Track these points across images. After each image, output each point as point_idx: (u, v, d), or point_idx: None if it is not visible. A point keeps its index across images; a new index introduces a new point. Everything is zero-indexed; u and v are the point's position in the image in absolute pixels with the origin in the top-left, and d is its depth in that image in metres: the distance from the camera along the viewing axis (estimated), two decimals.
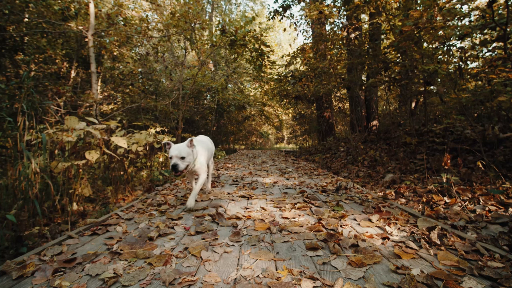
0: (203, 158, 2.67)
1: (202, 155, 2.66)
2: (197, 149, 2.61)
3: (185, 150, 2.38)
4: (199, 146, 2.69)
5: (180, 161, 2.34)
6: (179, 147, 2.39)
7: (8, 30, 5.92)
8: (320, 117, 10.90)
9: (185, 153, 2.37)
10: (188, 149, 2.41)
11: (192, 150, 2.47)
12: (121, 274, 1.29)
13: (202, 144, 2.83)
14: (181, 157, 2.34)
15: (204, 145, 2.89)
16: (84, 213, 2.53)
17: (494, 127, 3.87)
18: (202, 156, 2.67)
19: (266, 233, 1.86)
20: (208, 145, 3.08)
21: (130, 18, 6.99)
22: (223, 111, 14.27)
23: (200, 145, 2.74)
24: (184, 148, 2.39)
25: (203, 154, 2.69)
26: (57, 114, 5.50)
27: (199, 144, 2.72)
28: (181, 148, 2.38)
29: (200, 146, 2.71)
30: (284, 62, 11.59)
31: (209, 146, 3.09)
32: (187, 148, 2.42)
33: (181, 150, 2.36)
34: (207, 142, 3.11)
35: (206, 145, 2.96)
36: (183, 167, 2.35)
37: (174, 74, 10.67)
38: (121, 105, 9.18)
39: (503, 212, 2.16)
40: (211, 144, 3.32)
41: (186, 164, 2.38)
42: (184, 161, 2.36)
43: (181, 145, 2.42)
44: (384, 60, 5.55)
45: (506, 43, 3.28)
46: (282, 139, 27.99)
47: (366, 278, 1.24)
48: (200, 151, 2.65)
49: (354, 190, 3.29)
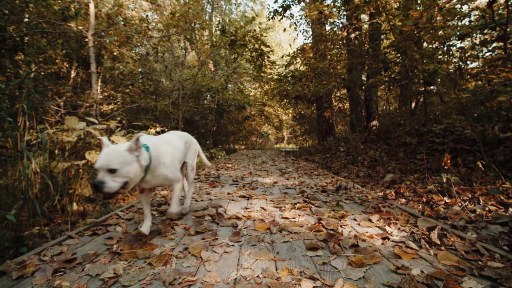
0: (170, 161, 1.91)
1: (168, 158, 1.91)
2: (159, 151, 1.83)
3: (118, 158, 1.48)
4: (164, 146, 1.94)
5: (109, 177, 1.46)
6: (110, 152, 1.50)
7: (8, 30, 5.92)
8: (320, 117, 10.90)
9: (118, 163, 1.47)
10: (125, 156, 1.51)
11: (138, 156, 1.58)
12: (121, 274, 1.29)
13: (170, 143, 2.06)
14: (109, 170, 1.46)
15: (175, 144, 2.16)
16: (84, 213, 2.53)
17: (494, 127, 3.87)
18: (169, 159, 1.91)
19: (266, 233, 1.86)
20: (180, 144, 2.26)
21: (130, 18, 7.00)
22: (223, 111, 14.27)
23: (166, 144, 1.98)
24: (118, 155, 1.49)
25: (170, 157, 1.94)
26: (57, 114, 5.50)
27: (163, 144, 1.95)
28: (111, 154, 1.49)
29: (166, 146, 1.96)
30: (284, 62, 11.59)
31: (181, 146, 2.28)
32: (125, 154, 1.52)
33: (110, 158, 1.47)
34: (178, 141, 2.28)
35: (178, 144, 2.21)
36: (115, 187, 1.47)
37: (174, 74, 10.67)
38: (121, 105, 9.18)
39: (503, 212, 2.16)
40: (190, 142, 2.51)
41: (123, 182, 1.50)
42: (116, 176, 1.47)
43: (114, 149, 1.53)
44: (384, 60, 5.55)
45: (506, 43, 3.28)
46: (282, 139, 27.99)
47: (366, 278, 1.24)
48: (163, 153, 1.87)
49: (354, 190, 3.29)
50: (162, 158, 1.84)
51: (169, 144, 2.06)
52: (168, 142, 2.08)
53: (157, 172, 1.81)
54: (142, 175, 1.68)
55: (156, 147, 1.82)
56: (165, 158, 1.89)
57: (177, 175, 1.98)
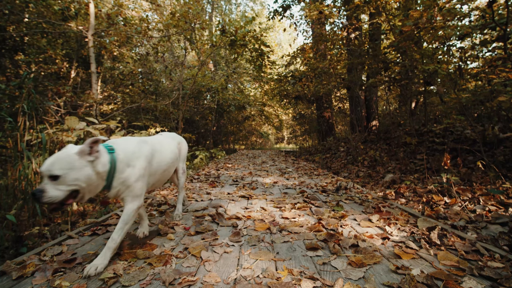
0: (134, 176, 1.52)
1: (140, 162, 1.57)
2: (130, 152, 1.55)
3: (62, 163, 1.26)
4: (140, 147, 1.64)
5: (51, 184, 1.25)
6: (57, 155, 1.29)
7: (8, 30, 5.92)
8: (320, 117, 10.91)
9: (61, 168, 1.25)
10: (72, 160, 1.28)
11: (93, 162, 1.35)
12: (121, 274, 1.29)
13: (141, 150, 1.64)
14: (51, 176, 1.24)
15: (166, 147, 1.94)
16: (84, 213, 2.54)
17: (494, 127, 3.87)
18: (134, 174, 1.53)
19: (266, 233, 1.86)
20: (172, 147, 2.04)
21: (130, 18, 6.99)
22: (223, 111, 14.27)
23: (134, 152, 1.58)
24: (63, 159, 1.27)
25: (137, 170, 1.55)
26: (57, 114, 5.50)
27: (138, 144, 1.65)
28: (57, 157, 1.27)
29: (134, 155, 1.57)
30: (284, 62, 11.60)
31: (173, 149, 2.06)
32: (72, 158, 1.29)
33: (54, 161, 1.26)
34: (172, 143, 2.09)
35: (170, 148, 2.00)
36: (58, 196, 1.25)
37: (174, 74, 10.67)
38: (121, 105, 9.18)
39: (503, 212, 2.16)
40: (182, 143, 2.32)
41: (69, 190, 1.28)
42: (59, 183, 1.25)
43: (63, 151, 1.32)
44: (384, 60, 5.55)
45: (506, 43, 3.28)
46: (282, 139, 28.00)
47: (366, 278, 1.24)
48: (135, 155, 1.57)
49: (354, 190, 3.29)
50: (132, 160, 1.54)
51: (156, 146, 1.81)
52: (154, 142, 1.83)
53: (122, 177, 1.49)
54: (103, 183, 1.43)
55: (127, 147, 1.56)
56: (137, 160, 1.57)
57: (136, 193, 1.54)
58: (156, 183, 1.90)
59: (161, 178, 1.92)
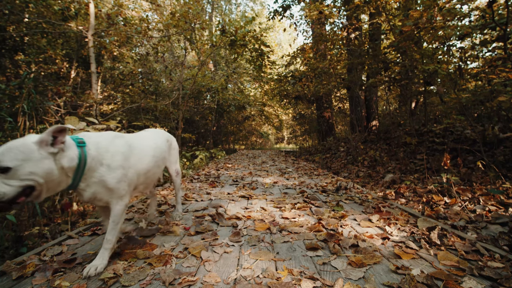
0: (119, 164, 1.40)
1: (117, 160, 1.40)
2: (104, 148, 1.36)
3: (15, 152, 1.08)
4: (117, 143, 1.45)
5: None
6: (10, 144, 1.10)
7: (8, 30, 5.92)
8: (320, 117, 10.91)
9: (13, 159, 1.07)
10: (28, 150, 1.10)
11: (57, 155, 1.17)
12: (121, 275, 1.29)
13: (116, 146, 1.43)
14: (0, 168, 1.06)
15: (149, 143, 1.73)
16: (84, 213, 2.54)
17: (494, 127, 3.87)
18: (118, 161, 1.40)
19: (266, 233, 1.86)
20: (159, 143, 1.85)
21: (130, 18, 6.99)
22: (223, 111, 14.27)
23: (122, 140, 1.48)
24: (17, 148, 1.09)
25: (122, 159, 1.42)
26: (57, 114, 5.50)
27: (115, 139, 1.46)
28: (9, 146, 1.09)
29: (120, 143, 1.46)
30: (284, 62, 11.60)
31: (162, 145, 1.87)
32: (30, 147, 1.11)
33: (4, 151, 1.07)
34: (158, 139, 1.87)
35: (154, 143, 1.78)
36: (7, 193, 1.06)
37: (174, 74, 10.68)
38: (121, 105, 9.18)
39: (503, 212, 2.16)
40: (171, 141, 2.11)
41: (22, 186, 1.10)
42: (9, 177, 1.07)
43: (18, 140, 1.13)
44: (384, 60, 5.55)
45: (506, 43, 3.28)
46: (282, 139, 28.00)
47: (366, 278, 1.24)
48: (111, 152, 1.38)
49: (354, 190, 3.29)
50: (106, 158, 1.35)
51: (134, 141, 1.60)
52: (135, 138, 1.64)
53: (95, 176, 1.31)
54: (67, 181, 1.24)
55: (100, 142, 1.36)
56: (112, 158, 1.37)
57: (123, 188, 1.41)
58: (139, 186, 1.64)
59: (145, 180, 1.66)
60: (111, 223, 1.41)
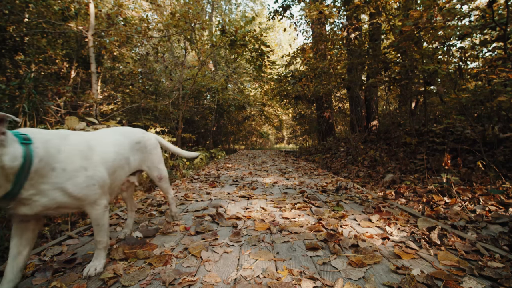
0: (77, 166, 1.18)
1: (75, 161, 1.18)
2: (55, 148, 1.12)
3: None
4: (70, 141, 1.20)
5: None
6: None
7: (8, 30, 5.93)
8: (320, 117, 10.91)
9: None
10: None
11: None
12: (121, 275, 1.29)
13: (71, 145, 1.20)
14: None
15: (108, 141, 1.45)
16: (84, 213, 2.54)
17: (494, 127, 3.87)
18: (76, 163, 1.18)
19: (266, 233, 1.86)
20: (120, 143, 1.54)
21: (130, 18, 6.99)
22: (223, 111, 14.27)
23: (60, 149, 1.14)
24: None
25: (80, 159, 1.21)
26: (57, 114, 5.50)
27: (68, 137, 1.21)
28: None
29: (74, 141, 1.22)
30: (284, 62, 11.60)
31: (123, 145, 1.55)
32: None
33: None
34: (120, 139, 1.56)
35: (111, 141, 1.48)
36: None
37: (174, 74, 10.68)
38: (121, 105, 9.19)
39: (503, 212, 2.16)
40: (145, 143, 1.75)
41: None
42: None
43: None
44: (384, 60, 5.55)
45: (506, 43, 3.28)
46: (282, 139, 28.01)
47: (366, 278, 1.24)
48: (65, 153, 1.15)
49: (354, 190, 3.29)
50: (60, 161, 1.10)
51: (94, 138, 1.36)
52: (92, 138, 1.36)
53: (47, 183, 1.07)
54: (6, 186, 0.97)
55: (50, 140, 1.10)
56: (67, 160, 1.13)
57: (94, 193, 1.22)
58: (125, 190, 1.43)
59: (113, 181, 1.42)
60: (95, 226, 1.31)
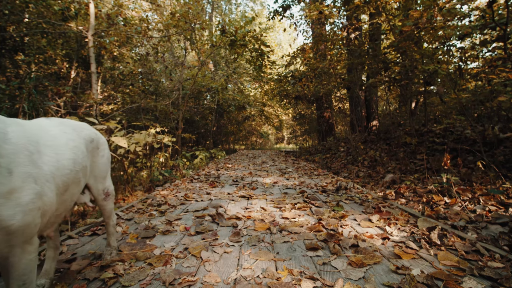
0: (17, 204, 0.72)
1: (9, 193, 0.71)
2: None
3: None
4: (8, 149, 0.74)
5: None
6: None
7: (8, 30, 5.93)
8: (320, 117, 10.91)
9: None
10: None
11: None
12: (121, 275, 1.29)
13: (10, 141, 0.76)
14: None
15: (60, 142, 1.00)
16: (84, 213, 2.54)
17: (494, 127, 3.87)
18: (12, 203, 0.71)
19: (266, 233, 1.86)
20: (75, 144, 1.08)
21: (130, 18, 6.99)
22: (223, 111, 14.28)
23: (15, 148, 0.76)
24: None
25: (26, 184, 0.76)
26: (57, 114, 5.50)
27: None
28: None
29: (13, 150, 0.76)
30: (284, 62, 11.60)
31: (79, 147, 1.09)
32: None
33: None
34: (72, 136, 1.10)
35: (65, 142, 1.03)
36: None
37: (174, 74, 10.68)
38: (121, 105, 9.18)
39: (503, 212, 2.16)
40: (98, 142, 1.30)
41: None
42: None
43: None
44: (384, 60, 5.55)
45: (506, 43, 3.28)
46: (282, 139, 28.01)
47: (366, 278, 1.24)
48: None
49: (354, 190, 3.29)
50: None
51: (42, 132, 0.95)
52: (42, 128, 0.97)
53: None
54: None
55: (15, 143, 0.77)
56: (11, 163, 0.74)
57: (34, 224, 0.79)
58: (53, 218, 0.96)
59: (58, 208, 0.95)
60: (17, 285, 0.79)
